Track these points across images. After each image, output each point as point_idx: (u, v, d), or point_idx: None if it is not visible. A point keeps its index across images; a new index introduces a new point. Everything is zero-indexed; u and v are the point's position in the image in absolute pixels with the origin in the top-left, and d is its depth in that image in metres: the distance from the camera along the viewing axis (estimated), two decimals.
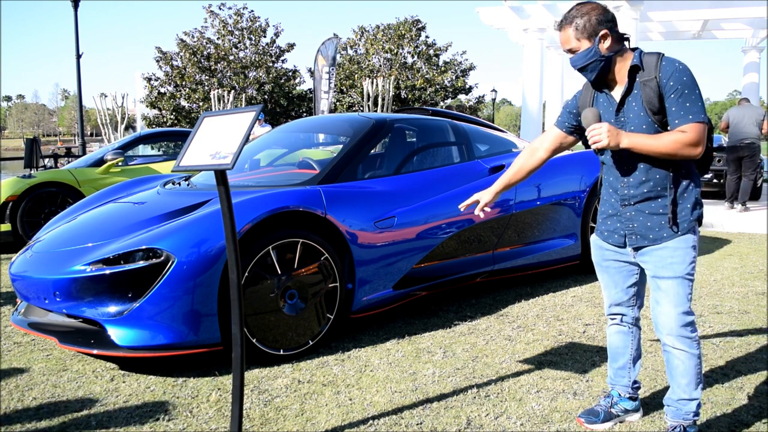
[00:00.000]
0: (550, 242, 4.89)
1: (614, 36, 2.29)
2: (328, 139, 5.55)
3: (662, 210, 2.33)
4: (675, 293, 2.33)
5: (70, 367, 3.28)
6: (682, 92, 2.21)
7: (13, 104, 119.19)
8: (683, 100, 2.21)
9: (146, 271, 3.06)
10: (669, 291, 2.34)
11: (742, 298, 4.54)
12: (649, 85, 2.25)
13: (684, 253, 2.32)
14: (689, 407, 2.40)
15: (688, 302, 2.34)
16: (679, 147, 2.20)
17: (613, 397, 2.65)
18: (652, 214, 2.35)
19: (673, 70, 2.22)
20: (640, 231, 2.38)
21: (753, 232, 7.69)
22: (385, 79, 18.03)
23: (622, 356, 2.62)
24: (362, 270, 3.66)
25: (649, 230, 2.36)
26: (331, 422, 2.65)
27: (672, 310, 2.34)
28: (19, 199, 6.68)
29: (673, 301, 2.34)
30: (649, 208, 2.35)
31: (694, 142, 2.19)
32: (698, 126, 2.19)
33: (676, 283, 2.33)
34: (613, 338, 2.64)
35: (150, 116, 25.45)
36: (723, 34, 17.93)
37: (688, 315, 2.34)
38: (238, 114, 2.28)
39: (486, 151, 4.90)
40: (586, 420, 2.61)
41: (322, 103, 16.52)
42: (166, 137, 9.41)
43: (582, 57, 2.31)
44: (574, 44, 2.31)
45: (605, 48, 2.29)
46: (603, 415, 2.60)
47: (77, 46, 16.56)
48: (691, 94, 2.21)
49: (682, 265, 2.32)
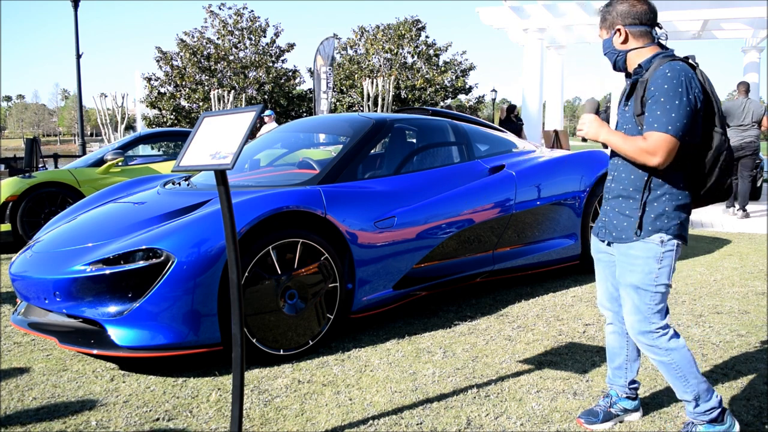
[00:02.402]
0: (550, 242, 4.89)
1: (634, 33, 2.32)
2: (328, 139, 5.55)
3: (628, 212, 2.34)
4: (632, 301, 2.34)
5: (70, 367, 3.28)
6: (658, 99, 2.18)
7: (13, 104, 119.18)
8: (656, 107, 2.18)
9: (146, 271, 3.06)
10: (626, 297, 2.37)
11: (742, 298, 4.54)
12: (640, 87, 2.26)
13: (644, 262, 2.30)
14: (689, 407, 2.40)
15: (648, 312, 2.31)
16: (637, 153, 2.21)
17: (611, 396, 2.66)
18: (620, 213, 2.38)
19: (659, 75, 2.19)
20: (609, 226, 2.43)
21: (753, 232, 7.69)
22: (385, 79, 18.01)
23: (618, 356, 2.63)
24: (362, 270, 3.66)
25: (615, 228, 2.39)
26: (331, 422, 2.65)
27: (629, 317, 2.37)
28: (19, 199, 6.68)
29: (630, 308, 2.36)
30: (619, 207, 2.38)
31: (651, 151, 2.17)
32: (658, 135, 2.16)
33: (632, 291, 2.34)
34: (609, 338, 2.66)
35: (150, 116, 25.43)
36: (723, 34, 17.94)
37: (647, 324, 2.32)
38: (238, 114, 2.28)
39: (486, 151, 4.90)
40: (586, 420, 2.61)
41: (321, 103, 16.52)
42: (166, 137, 9.40)
43: (603, 46, 2.43)
44: (602, 33, 2.43)
45: (619, 43, 2.35)
46: (602, 416, 2.60)
47: (77, 46, 16.57)
48: (667, 103, 2.16)
49: (640, 274, 2.30)
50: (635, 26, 2.32)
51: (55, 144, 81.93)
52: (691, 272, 5.38)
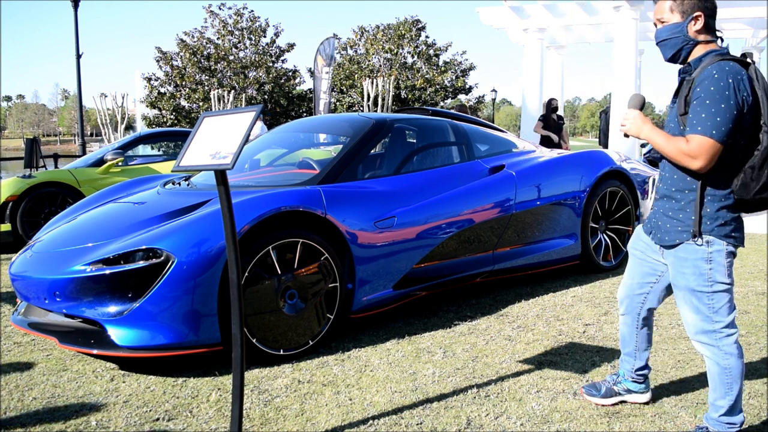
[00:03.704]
0: (550, 242, 4.89)
1: (706, 24, 2.25)
2: (328, 139, 5.55)
3: (671, 213, 2.33)
4: (690, 303, 2.33)
5: (70, 367, 3.28)
6: (703, 101, 2.13)
7: (13, 104, 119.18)
8: (700, 109, 2.14)
9: (146, 271, 3.06)
10: (682, 300, 2.36)
11: (742, 298, 4.54)
12: (686, 86, 2.23)
13: (693, 264, 2.27)
14: (714, 413, 2.37)
15: (710, 311, 2.28)
16: (678, 154, 2.18)
17: (618, 375, 2.77)
18: (664, 214, 2.36)
19: (706, 77, 2.15)
20: (656, 228, 2.41)
21: (753, 232, 7.69)
22: (385, 79, 18.01)
23: (629, 344, 2.72)
24: (362, 270, 3.66)
25: (660, 229, 2.38)
26: (331, 422, 2.65)
27: (689, 316, 2.35)
28: (19, 199, 6.68)
29: (689, 309, 2.34)
30: (664, 208, 2.37)
31: (692, 155, 2.14)
32: (701, 139, 2.12)
33: (688, 293, 2.32)
34: (622, 327, 2.74)
35: (150, 116, 25.42)
36: (723, 34, 17.91)
37: (709, 323, 2.29)
38: (238, 114, 2.28)
39: (486, 151, 4.90)
40: (587, 392, 2.79)
41: (321, 103, 16.52)
42: (166, 137, 9.40)
43: (668, 30, 2.29)
44: (666, 15, 2.28)
45: (693, 30, 2.25)
46: (604, 390, 2.74)
47: (77, 46, 16.56)
48: (712, 106, 2.11)
49: (692, 276, 2.28)
50: (711, 18, 2.26)
51: (55, 144, 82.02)
52: None
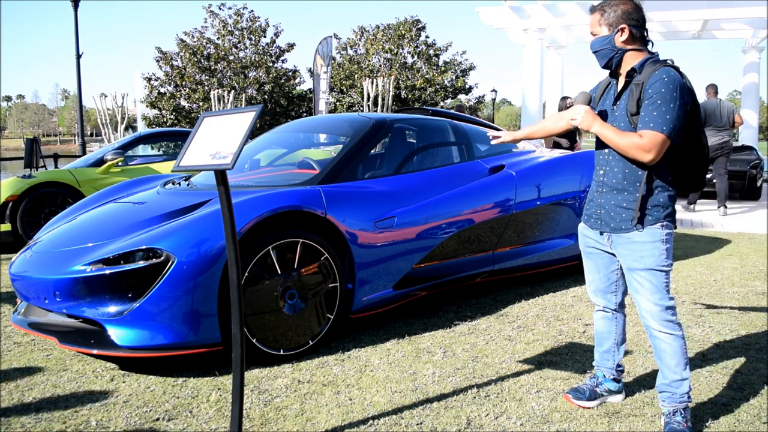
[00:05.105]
0: (550, 242, 4.89)
1: (633, 33, 2.46)
2: (328, 139, 5.55)
3: (626, 204, 2.49)
4: (650, 284, 2.48)
5: (70, 367, 3.28)
6: (655, 101, 2.34)
7: (13, 104, 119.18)
8: (652, 108, 2.34)
9: (146, 271, 3.06)
10: (644, 282, 2.49)
11: (742, 298, 4.54)
12: (636, 89, 2.41)
13: (652, 246, 2.46)
14: (682, 388, 2.50)
15: (665, 290, 2.48)
16: (631, 148, 2.37)
17: (598, 377, 2.83)
18: (617, 206, 2.52)
19: (656, 80, 2.35)
20: (606, 218, 2.56)
21: (753, 232, 7.69)
22: (385, 79, 18.01)
23: (607, 340, 2.80)
24: (362, 270, 3.66)
25: (613, 219, 2.54)
26: (331, 422, 2.65)
27: (651, 298, 2.49)
28: (19, 199, 6.68)
29: (649, 291, 2.49)
30: (616, 200, 2.52)
31: (646, 148, 2.34)
32: (653, 134, 2.33)
33: (649, 275, 2.48)
34: (599, 324, 2.82)
35: (150, 116, 25.42)
36: (723, 34, 17.90)
37: (667, 301, 2.48)
38: (238, 114, 2.28)
39: (486, 151, 4.90)
40: (574, 396, 2.80)
41: (321, 103, 16.52)
42: (166, 137, 9.40)
43: (598, 42, 2.52)
44: (596, 29, 2.52)
45: (620, 41, 2.47)
46: (589, 393, 2.79)
47: (77, 46, 16.56)
48: (663, 106, 2.33)
49: (651, 257, 2.46)
50: (637, 28, 2.47)
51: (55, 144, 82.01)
52: (691, 272, 5.38)
